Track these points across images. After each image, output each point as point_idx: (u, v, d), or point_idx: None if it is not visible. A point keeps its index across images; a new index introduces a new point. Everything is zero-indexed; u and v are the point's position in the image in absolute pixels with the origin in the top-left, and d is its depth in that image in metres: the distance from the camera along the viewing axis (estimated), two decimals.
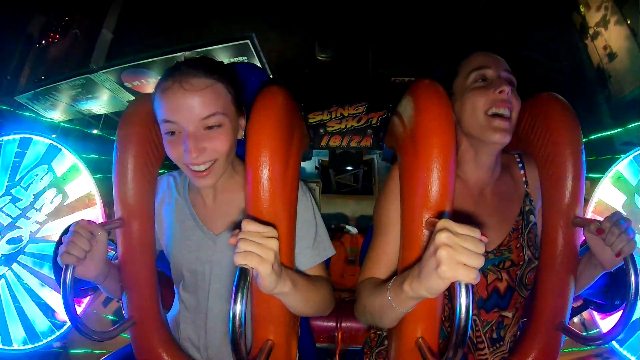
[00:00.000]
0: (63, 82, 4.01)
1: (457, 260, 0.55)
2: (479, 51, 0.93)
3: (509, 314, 0.92)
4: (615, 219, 0.78)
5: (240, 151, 0.92)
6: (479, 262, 0.55)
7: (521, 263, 0.91)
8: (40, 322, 1.43)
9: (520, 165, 0.99)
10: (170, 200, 0.98)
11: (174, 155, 0.81)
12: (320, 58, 4.74)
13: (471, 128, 0.88)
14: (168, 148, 0.81)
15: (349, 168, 3.44)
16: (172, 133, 0.79)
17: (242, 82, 0.91)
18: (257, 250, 0.63)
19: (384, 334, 1.02)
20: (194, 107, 0.76)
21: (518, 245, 0.92)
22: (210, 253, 0.91)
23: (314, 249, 0.90)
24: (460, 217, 0.68)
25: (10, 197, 1.44)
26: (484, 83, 0.88)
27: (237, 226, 0.67)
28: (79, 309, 1.51)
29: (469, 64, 0.91)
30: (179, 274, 0.95)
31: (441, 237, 0.57)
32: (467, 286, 0.55)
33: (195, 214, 0.93)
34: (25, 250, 1.44)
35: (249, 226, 0.65)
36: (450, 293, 0.88)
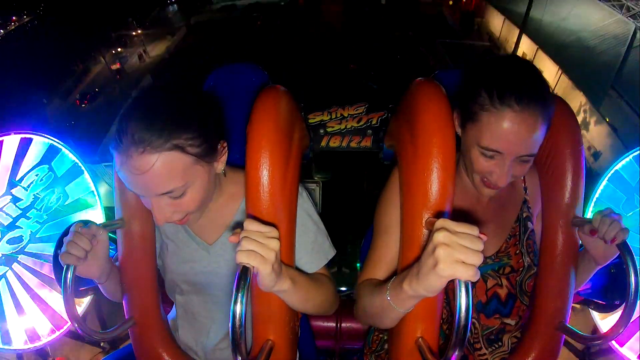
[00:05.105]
0: None
1: (455, 258, 0.55)
2: (515, 107, 0.71)
3: (512, 322, 0.91)
4: (606, 211, 0.79)
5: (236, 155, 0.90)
6: (478, 259, 0.55)
7: (521, 269, 0.91)
8: (41, 322, 1.43)
9: None
10: None
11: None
12: None
13: (469, 171, 0.84)
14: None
15: None
16: None
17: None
18: (259, 250, 0.63)
19: (385, 337, 1.02)
20: (148, 184, 0.69)
21: (517, 252, 0.91)
22: (205, 264, 0.89)
23: (313, 254, 0.88)
24: (460, 216, 0.68)
25: (10, 197, 1.44)
26: (491, 154, 0.77)
27: (235, 227, 0.67)
28: (80, 309, 1.51)
29: (490, 128, 0.74)
30: (174, 286, 0.94)
31: (439, 236, 0.57)
32: (466, 285, 0.55)
33: (187, 227, 0.91)
34: (25, 250, 1.44)
35: (251, 225, 0.65)
36: (448, 296, 0.88)
